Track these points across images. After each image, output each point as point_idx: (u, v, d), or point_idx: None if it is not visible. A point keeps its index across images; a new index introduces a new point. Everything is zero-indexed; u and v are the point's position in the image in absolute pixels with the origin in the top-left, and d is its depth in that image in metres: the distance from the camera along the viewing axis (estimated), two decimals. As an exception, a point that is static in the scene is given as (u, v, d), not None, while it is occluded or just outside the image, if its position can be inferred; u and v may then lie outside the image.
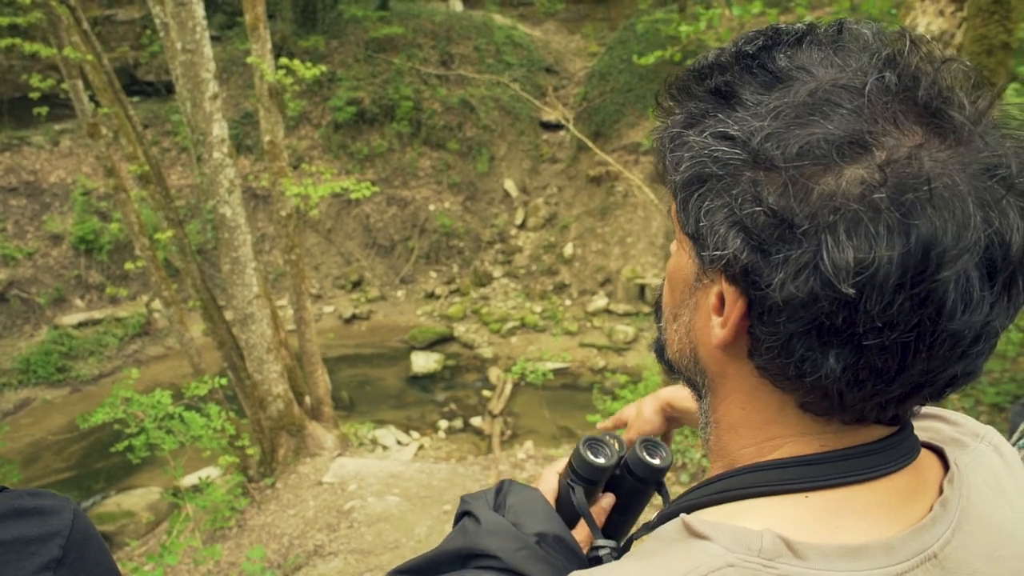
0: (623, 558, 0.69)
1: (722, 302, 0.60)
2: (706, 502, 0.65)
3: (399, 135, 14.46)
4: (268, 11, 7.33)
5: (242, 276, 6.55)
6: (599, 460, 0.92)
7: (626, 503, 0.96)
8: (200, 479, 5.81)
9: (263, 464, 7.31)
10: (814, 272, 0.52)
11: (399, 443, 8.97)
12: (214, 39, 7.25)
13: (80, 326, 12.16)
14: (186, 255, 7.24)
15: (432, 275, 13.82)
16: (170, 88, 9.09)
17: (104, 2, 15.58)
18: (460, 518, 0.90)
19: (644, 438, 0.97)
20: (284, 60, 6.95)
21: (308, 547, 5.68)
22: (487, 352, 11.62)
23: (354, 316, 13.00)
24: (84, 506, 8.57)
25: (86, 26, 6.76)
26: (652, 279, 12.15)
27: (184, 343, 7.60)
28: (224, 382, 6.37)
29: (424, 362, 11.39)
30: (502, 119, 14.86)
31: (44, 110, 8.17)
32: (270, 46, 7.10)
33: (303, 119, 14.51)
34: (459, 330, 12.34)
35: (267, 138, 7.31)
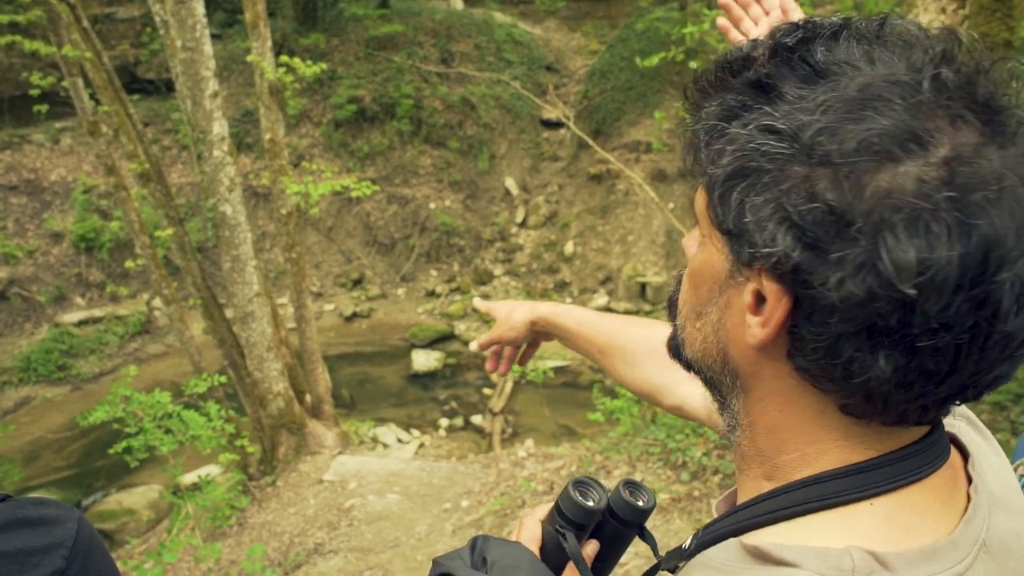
0: None
1: (758, 300, 0.57)
2: (758, 523, 0.61)
3: (400, 133, 14.45)
4: (268, 9, 7.32)
5: (242, 274, 6.54)
6: (589, 503, 0.88)
7: (607, 549, 0.92)
8: (200, 477, 5.82)
9: (263, 462, 7.31)
10: (872, 271, 0.50)
11: (399, 441, 8.98)
12: (214, 37, 7.25)
13: (81, 324, 12.16)
14: (186, 253, 7.24)
15: (433, 273, 13.82)
16: (171, 86, 9.08)
17: (104, 0, 15.57)
18: None
19: (626, 480, 0.92)
20: (284, 58, 6.94)
21: (308, 545, 5.68)
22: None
23: (355, 314, 13.00)
24: (85, 504, 8.58)
25: (86, 24, 6.76)
26: (653, 277, 12.14)
27: (184, 341, 7.60)
28: (224, 380, 6.37)
29: (425, 360, 11.39)
30: (503, 117, 14.85)
31: (44, 108, 8.18)
32: (270, 44, 7.09)
33: (303, 117, 14.49)
34: (460, 328, 12.34)
35: (267, 136, 7.30)
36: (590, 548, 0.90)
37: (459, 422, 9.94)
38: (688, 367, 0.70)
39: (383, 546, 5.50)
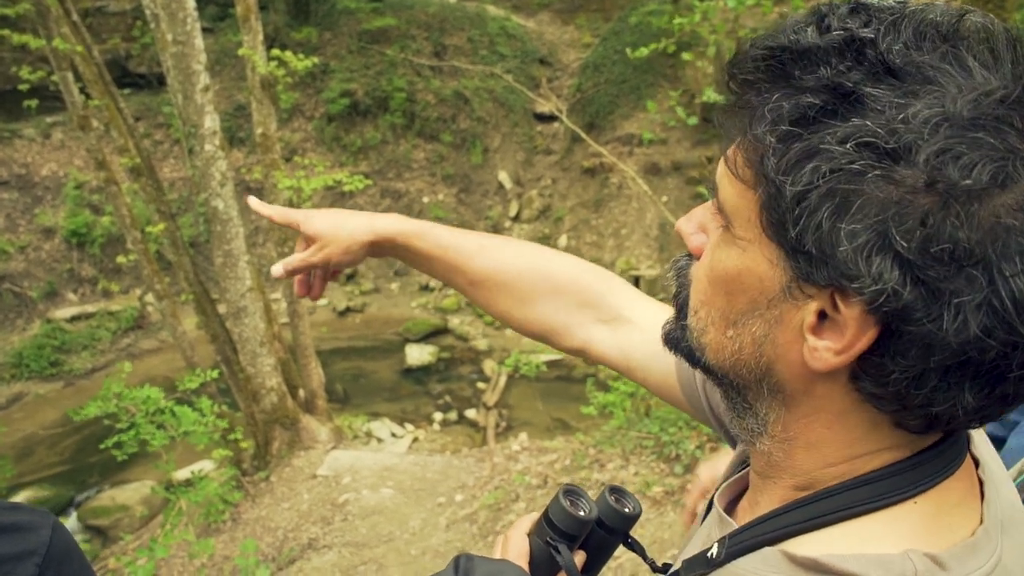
0: None
1: (820, 318, 0.53)
2: (796, 530, 0.58)
3: (393, 127, 14.41)
4: (260, 2, 7.28)
5: (235, 269, 6.52)
6: (580, 513, 0.85)
7: (593, 559, 0.89)
8: (193, 473, 5.81)
9: (257, 457, 7.30)
10: (988, 309, 0.47)
11: (393, 436, 8.98)
12: (206, 30, 7.21)
13: (73, 320, 12.11)
14: (179, 248, 7.21)
15: (426, 268, 13.80)
16: (162, 80, 9.01)
17: (95, -7, 15.46)
18: None
19: (611, 486, 0.89)
20: (276, 52, 6.90)
21: (302, 540, 5.68)
22: (481, 344, 11.61)
23: (348, 309, 12.98)
24: (78, 500, 8.56)
25: (76, 17, 6.71)
26: (647, 270, 12.15)
27: (177, 337, 7.58)
28: (217, 375, 6.36)
29: (418, 354, 11.38)
30: (496, 111, 14.82)
31: (34, 103, 8.11)
32: (262, 38, 7.05)
33: (296, 111, 14.44)
34: (453, 322, 12.33)
35: (259, 130, 7.26)
36: (578, 559, 0.87)
37: (453, 416, 9.95)
38: (707, 371, 0.66)
39: (377, 541, 5.50)
